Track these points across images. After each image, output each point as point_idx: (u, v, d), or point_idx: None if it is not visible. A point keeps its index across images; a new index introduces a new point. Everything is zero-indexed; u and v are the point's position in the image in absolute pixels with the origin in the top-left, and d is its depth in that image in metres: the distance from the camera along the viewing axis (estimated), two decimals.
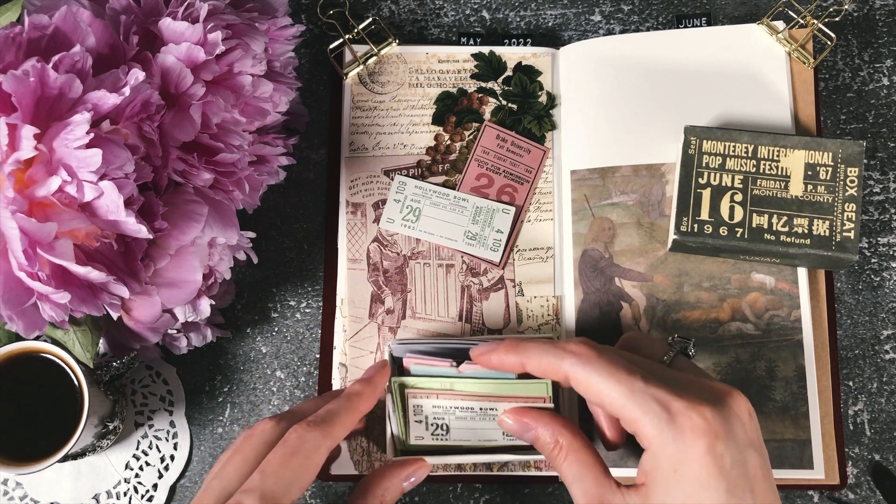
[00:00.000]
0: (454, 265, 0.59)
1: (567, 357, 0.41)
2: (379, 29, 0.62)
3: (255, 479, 0.41)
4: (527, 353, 0.43)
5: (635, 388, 0.39)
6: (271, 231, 0.61)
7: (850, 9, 0.62)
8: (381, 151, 0.60)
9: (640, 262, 0.57)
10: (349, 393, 0.47)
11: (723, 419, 0.38)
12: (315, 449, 0.42)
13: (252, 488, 0.40)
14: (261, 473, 0.41)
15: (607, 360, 0.40)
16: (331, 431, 0.43)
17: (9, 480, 0.57)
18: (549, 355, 0.42)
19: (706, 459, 0.38)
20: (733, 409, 0.39)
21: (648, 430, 0.39)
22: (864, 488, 0.56)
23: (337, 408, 0.45)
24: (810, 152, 0.54)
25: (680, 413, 0.38)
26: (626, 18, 0.63)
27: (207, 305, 0.50)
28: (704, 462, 0.38)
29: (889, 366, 0.57)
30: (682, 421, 0.38)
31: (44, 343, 0.49)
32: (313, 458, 0.42)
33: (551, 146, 0.60)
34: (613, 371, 0.40)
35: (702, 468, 0.38)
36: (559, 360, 0.42)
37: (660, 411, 0.38)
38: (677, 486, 0.38)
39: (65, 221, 0.40)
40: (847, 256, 0.53)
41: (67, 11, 0.42)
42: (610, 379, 0.39)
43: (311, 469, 0.42)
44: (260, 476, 0.41)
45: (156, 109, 0.44)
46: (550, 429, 0.44)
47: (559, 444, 0.43)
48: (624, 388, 0.39)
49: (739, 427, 0.39)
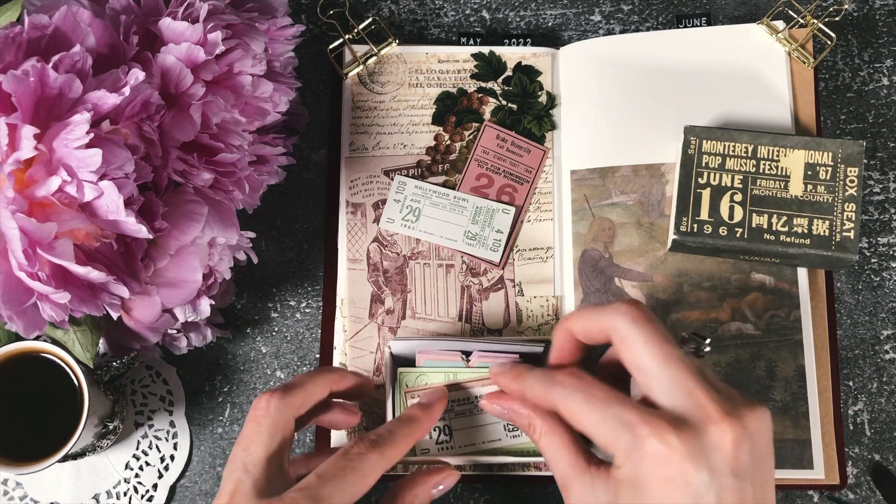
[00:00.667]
0: (454, 265, 0.59)
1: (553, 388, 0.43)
2: (379, 29, 0.62)
3: (312, 482, 0.41)
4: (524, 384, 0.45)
5: (606, 415, 0.40)
6: (271, 231, 0.61)
7: (850, 9, 0.62)
8: (381, 151, 0.60)
9: (640, 262, 0.57)
10: (408, 417, 0.48)
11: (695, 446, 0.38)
12: (372, 469, 0.43)
13: (309, 489, 0.41)
14: (319, 478, 0.41)
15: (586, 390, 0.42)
16: (389, 454, 0.44)
17: (9, 480, 0.57)
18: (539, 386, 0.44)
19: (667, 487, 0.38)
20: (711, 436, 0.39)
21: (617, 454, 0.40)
22: (864, 488, 0.56)
23: (396, 430, 0.46)
24: (810, 152, 0.54)
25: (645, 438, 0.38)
26: (626, 18, 0.63)
27: (207, 305, 0.50)
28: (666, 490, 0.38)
29: (889, 366, 0.57)
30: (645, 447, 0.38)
31: (44, 343, 0.49)
32: (368, 478, 0.43)
33: (551, 146, 0.60)
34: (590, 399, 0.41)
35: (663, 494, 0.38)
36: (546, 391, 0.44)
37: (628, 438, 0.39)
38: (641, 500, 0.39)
39: (65, 221, 0.40)
40: (847, 256, 0.53)
41: (67, 11, 0.42)
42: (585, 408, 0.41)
43: (364, 486, 0.43)
44: (318, 480, 0.41)
45: (156, 109, 0.44)
46: (525, 414, 0.45)
47: (532, 425, 0.44)
48: (596, 416, 0.40)
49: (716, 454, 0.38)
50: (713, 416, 0.39)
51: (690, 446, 0.38)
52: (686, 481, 0.38)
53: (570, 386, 0.42)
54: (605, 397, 0.41)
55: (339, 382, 0.48)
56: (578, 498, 0.41)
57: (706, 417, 0.39)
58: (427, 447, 0.51)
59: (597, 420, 0.40)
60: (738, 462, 0.39)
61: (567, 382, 0.43)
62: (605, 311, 0.43)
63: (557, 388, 0.43)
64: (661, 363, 0.40)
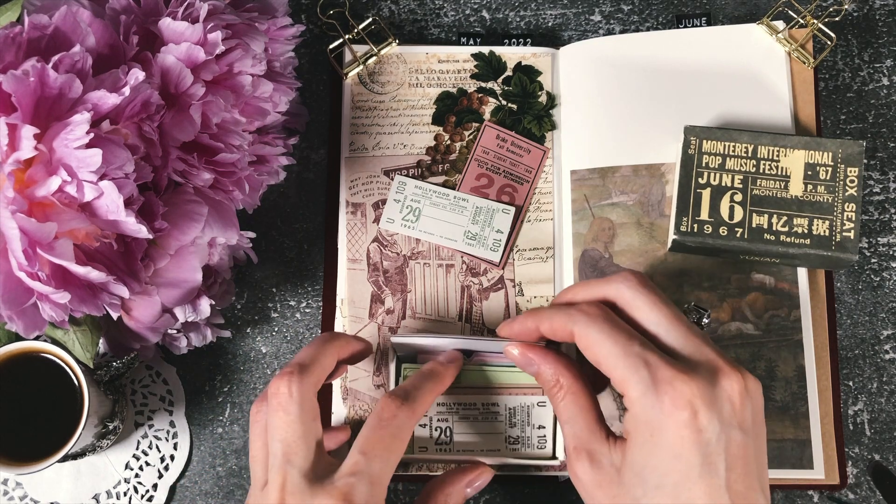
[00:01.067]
0: (454, 265, 0.59)
1: (576, 315, 0.43)
2: (379, 29, 0.62)
3: (359, 462, 0.41)
4: (541, 317, 0.45)
5: (629, 351, 0.40)
6: (271, 231, 0.61)
7: (850, 9, 0.62)
8: (381, 151, 0.60)
9: (640, 262, 0.57)
10: (429, 371, 0.48)
11: (710, 394, 0.39)
12: (408, 428, 0.43)
13: (360, 471, 0.41)
14: (364, 455, 0.41)
15: (612, 322, 0.42)
16: (418, 410, 0.44)
17: (9, 480, 0.57)
18: (560, 314, 0.44)
19: (684, 431, 0.38)
20: (723, 386, 0.40)
21: (632, 392, 0.40)
22: (864, 488, 0.56)
23: (421, 385, 0.46)
24: (810, 152, 0.54)
25: (665, 381, 0.39)
26: (626, 18, 0.63)
27: (207, 305, 0.50)
28: (681, 433, 0.38)
29: (889, 366, 0.57)
30: (664, 388, 0.39)
31: (44, 343, 0.49)
32: (406, 438, 0.43)
33: (551, 146, 0.60)
34: (614, 332, 0.41)
35: (677, 438, 0.39)
36: (568, 318, 0.43)
37: (646, 376, 0.39)
38: (652, 451, 0.39)
39: (65, 221, 0.40)
40: (847, 256, 0.53)
41: (67, 11, 0.42)
42: (608, 339, 0.41)
43: (404, 447, 0.43)
44: (365, 458, 0.41)
45: (156, 109, 0.44)
46: (553, 367, 0.45)
47: (559, 383, 0.44)
48: (619, 349, 0.41)
49: (727, 405, 0.39)
50: (724, 368, 0.40)
51: (706, 393, 0.39)
52: (699, 427, 0.39)
53: (594, 316, 0.42)
54: (629, 333, 0.41)
55: (344, 349, 0.48)
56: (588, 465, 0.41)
57: (718, 369, 0.40)
58: (425, 445, 0.51)
59: (619, 354, 0.41)
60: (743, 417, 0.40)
61: (591, 312, 0.43)
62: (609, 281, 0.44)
63: (581, 316, 0.43)
64: (671, 322, 0.42)
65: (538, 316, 0.46)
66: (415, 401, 0.44)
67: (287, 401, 0.42)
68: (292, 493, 0.40)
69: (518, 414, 0.51)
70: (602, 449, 0.42)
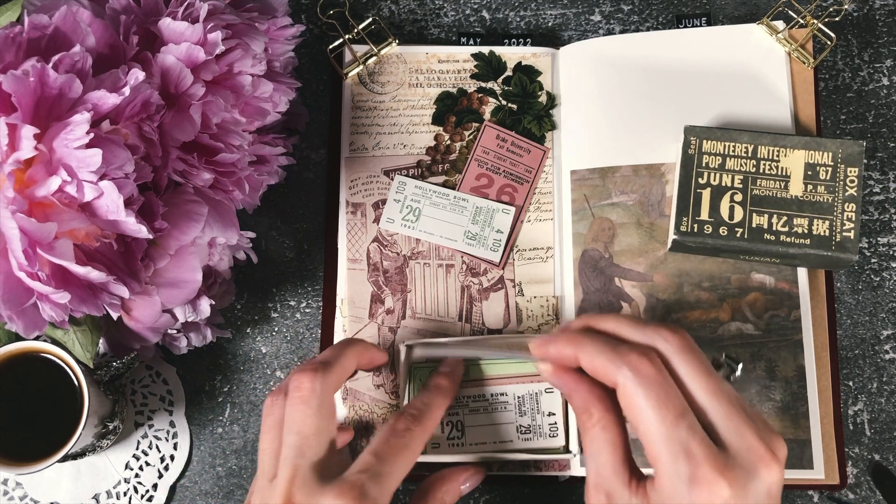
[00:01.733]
0: (454, 265, 0.59)
1: (625, 368, 0.39)
2: (379, 29, 0.62)
3: (370, 462, 0.42)
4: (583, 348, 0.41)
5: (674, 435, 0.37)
6: (271, 231, 0.61)
7: (850, 9, 0.62)
8: (381, 151, 0.60)
9: (640, 262, 0.57)
10: (435, 386, 0.49)
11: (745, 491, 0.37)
12: (420, 441, 0.45)
13: (370, 469, 0.42)
14: (376, 457, 0.42)
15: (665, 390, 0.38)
16: (428, 426, 0.46)
17: (9, 480, 0.57)
18: (606, 359, 0.40)
19: None
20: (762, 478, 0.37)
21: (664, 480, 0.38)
22: (864, 488, 0.56)
23: (431, 402, 0.47)
24: (810, 152, 0.54)
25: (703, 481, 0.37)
26: (626, 18, 0.63)
27: (207, 305, 0.50)
28: None
29: (889, 366, 0.57)
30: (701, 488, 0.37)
31: (44, 343, 0.49)
32: (416, 452, 0.44)
33: (551, 146, 0.60)
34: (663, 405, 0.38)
35: None
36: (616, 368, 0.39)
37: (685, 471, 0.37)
38: None
39: (65, 221, 0.40)
40: (847, 256, 0.53)
41: (67, 11, 0.42)
42: (655, 412, 0.38)
43: (414, 458, 0.44)
44: (375, 459, 0.42)
45: (156, 109, 0.44)
46: (585, 398, 0.42)
47: (590, 412, 0.41)
48: (664, 429, 0.38)
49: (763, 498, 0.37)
50: (765, 458, 0.38)
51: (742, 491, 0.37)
52: None
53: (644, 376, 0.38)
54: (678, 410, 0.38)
55: (363, 355, 0.49)
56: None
57: (759, 459, 0.38)
58: (438, 441, 0.52)
59: (663, 434, 0.37)
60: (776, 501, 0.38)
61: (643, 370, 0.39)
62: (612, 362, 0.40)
63: (628, 372, 0.39)
64: (711, 397, 0.39)
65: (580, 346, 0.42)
66: (427, 419, 0.46)
67: (309, 395, 0.43)
68: (301, 487, 0.41)
69: (527, 402, 0.52)
70: (623, 492, 0.39)
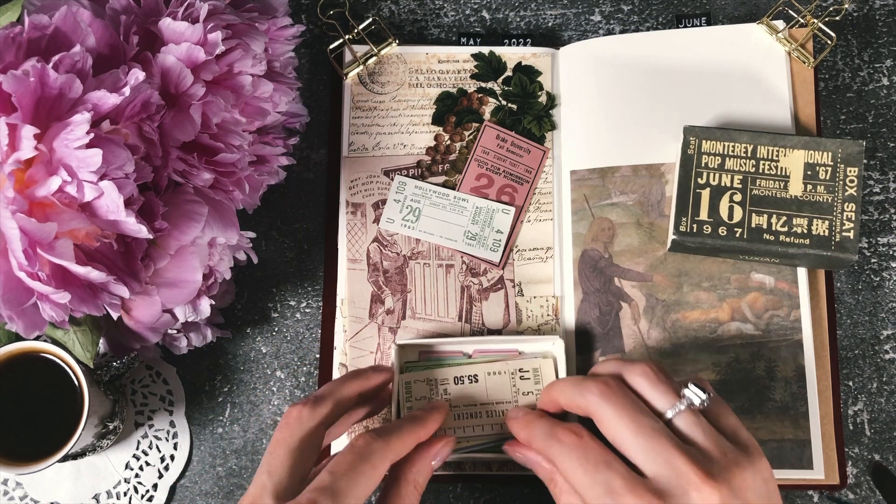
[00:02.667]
0: (454, 265, 0.59)
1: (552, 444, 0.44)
2: (379, 29, 0.62)
3: (325, 479, 0.42)
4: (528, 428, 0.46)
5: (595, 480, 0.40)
6: (271, 231, 0.61)
7: (850, 9, 0.62)
8: (381, 151, 0.60)
9: (640, 262, 0.57)
10: (413, 415, 0.49)
11: None
12: (381, 458, 0.44)
13: (324, 487, 0.41)
14: (331, 475, 0.42)
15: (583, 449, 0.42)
16: (394, 446, 0.45)
17: (9, 480, 0.57)
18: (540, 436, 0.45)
19: None
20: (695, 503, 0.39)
21: None
22: (864, 488, 0.56)
23: (400, 425, 0.47)
24: (810, 152, 0.54)
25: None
26: (626, 18, 0.63)
27: (207, 305, 0.50)
28: None
29: (889, 366, 0.57)
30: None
31: (44, 343, 0.49)
32: (379, 467, 0.43)
33: (551, 146, 0.60)
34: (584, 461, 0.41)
35: None
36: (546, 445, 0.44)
37: None
38: None
39: (65, 221, 0.40)
40: (847, 256, 0.53)
41: (67, 11, 0.42)
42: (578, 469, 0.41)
43: (375, 476, 0.43)
44: (330, 477, 0.42)
45: (156, 109, 0.44)
46: (548, 466, 0.45)
47: (554, 481, 0.45)
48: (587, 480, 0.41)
49: None
50: (694, 480, 0.39)
51: None
52: None
53: (567, 444, 0.43)
54: (597, 460, 0.41)
55: (365, 384, 0.49)
56: None
57: (688, 483, 0.39)
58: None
59: (587, 484, 0.41)
60: None
61: (565, 440, 0.43)
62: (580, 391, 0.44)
63: (556, 446, 0.43)
64: (635, 434, 0.41)
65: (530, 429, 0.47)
66: (390, 435, 0.45)
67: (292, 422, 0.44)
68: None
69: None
70: None
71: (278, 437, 0.44)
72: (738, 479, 0.40)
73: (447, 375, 0.53)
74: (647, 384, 0.44)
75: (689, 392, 0.43)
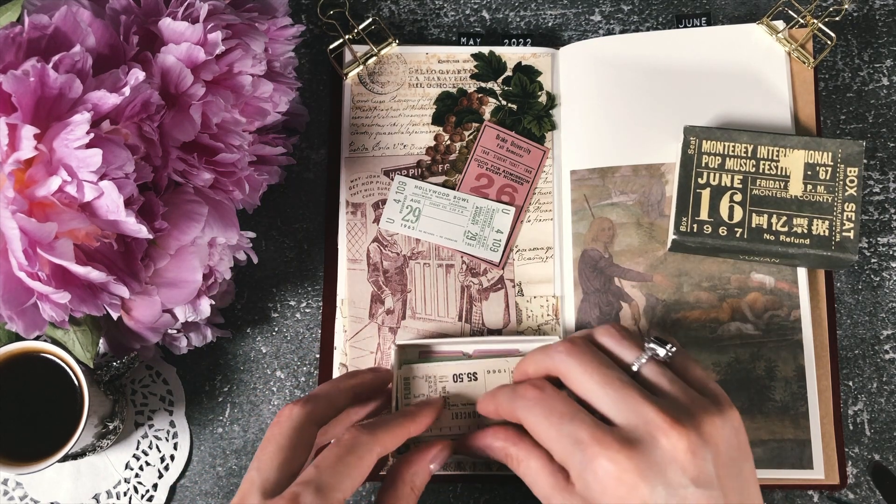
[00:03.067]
0: (454, 265, 0.59)
1: (517, 401, 0.45)
2: (379, 29, 0.62)
3: (310, 473, 0.42)
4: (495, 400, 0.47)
5: (561, 432, 0.41)
6: (271, 231, 0.61)
7: (850, 9, 0.62)
8: (381, 151, 0.60)
9: (640, 262, 0.57)
10: (404, 410, 0.49)
11: (647, 461, 0.38)
12: (368, 450, 0.44)
13: (308, 481, 0.41)
14: (316, 468, 0.42)
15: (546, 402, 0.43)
16: (381, 438, 0.45)
17: (9, 480, 0.57)
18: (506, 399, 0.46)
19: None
20: (663, 448, 0.38)
21: (572, 473, 0.41)
22: (864, 488, 0.56)
23: (389, 419, 0.47)
24: (810, 152, 0.54)
25: (596, 458, 0.39)
26: (626, 18, 0.63)
27: (207, 305, 0.50)
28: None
29: (889, 366, 0.57)
30: (596, 468, 0.39)
31: (44, 343, 0.49)
32: (365, 459, 0.43)
33: (551, 146, 0.60)
34: (547, 414, 0.42)
35: None
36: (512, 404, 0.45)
37: (579, 457, 0.40)
38: None
39: (65, 221, 0.40)
40: (847, 256, 0.53)
41: (67, 11, 0.42)
42: (543, 422, 0.42)
43: (362, 468, 0.43)
44: (315, 470, 0.42)
45: (156, 109, 0.44)
46: (500, 443, 0.46)
47: (509, 454, 0.45)
48: (553, 432, 0.41)
49: (672, 466, 0.38)
50: (662, 426, 0.39)
51: (642, 463, 0.38)
52: (641, 499, 0.38)
53: (531, 399, 0.44)
54: (562, 412, 0.42)
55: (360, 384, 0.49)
56: None
57: (655, 429, 0.39)
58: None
59: (554, 436, 0.41)
60: (699, 471, 0.38)
61: (528, 395, 0.44)
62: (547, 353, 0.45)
63: (520, 402, 0.44)
64: (602, 385, 0.41)
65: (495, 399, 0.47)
66: (378, 428, 0.45)
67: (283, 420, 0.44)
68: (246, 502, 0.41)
69: None
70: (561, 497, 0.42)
71: (269, 435, 0.44)
72: (706, 425, 0.40)
73: (446, 372, 0.53)
74: (611, 341, 0.45)
75: (653, 344, 0.44)
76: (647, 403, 0.40)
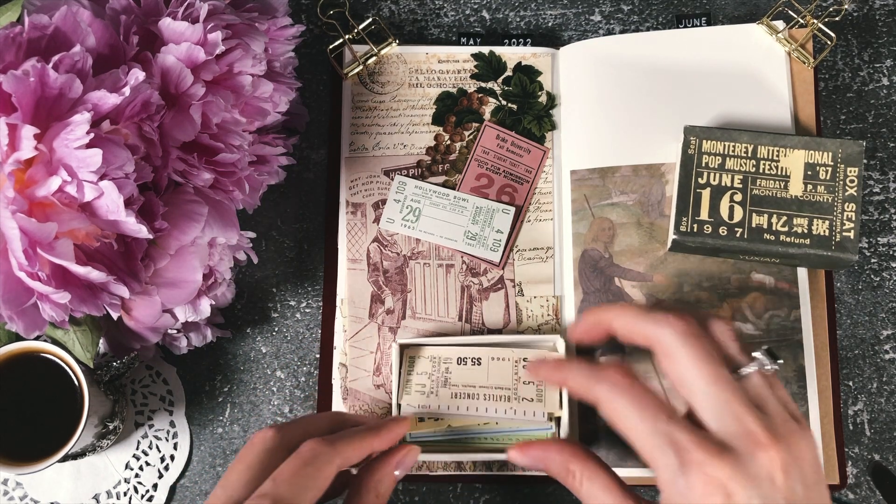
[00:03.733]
0: (454, 265, 0.59)
1: (601, 383, 0.41)
2: (379, 29, 0.62)
3: (267, 486, 0.41)
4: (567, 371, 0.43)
5: (656, 429, 0.38)
6: (271, 231, 0.61)
7: (850, 9, 0.62)
8: (381, 151, 0.60)
9: (640, 262, 0.57)
10: (369, 425, 0.48)
11: (745, 473, 0.37)
12: (326, 462, 0.43)
13: (265, 493, 0.41)
14: (273, 481, 0.42)
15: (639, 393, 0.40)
16: (342, 450, 0.44)
17: (9, 480, 0.57)
18: (584, 377, 0.42)
19: None
20: (761, 463, 0.37)
21: (661, 476, 0.38)
22: (864, 488, 0.56)
23: (352, 432, 0.46)
24: (810, 152, 0.54)
25: (694, 464, 0.37)
26: (626, 18, 0.63)
27: (207, 305, 0.50)
28: None
29: (889, 366, 0.57)
30: (695, 473, 0.37)
31: (44, 343, 0.49)
32: (324, 471, 0.43)
33: (551, 146, 0.60)
34: (639, 405, 0.39)
35: None
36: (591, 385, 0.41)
37: (674, 459, 0.37)
38: None
39: (65, 221, 0.40)
40: (847, 256, 0.53)
41: (67, 11, 0.42)
42: (634, 414, 0.39)
43: (321, 480, 0.43)
44: (272, 483, 0.41)
45: (156, 109, 0.44)
46: (559, 457, 0.43)
47: (571, 472, 0.43)
48: (645, 426, 0.38)
49: (767, 483, 0.37)
50: (762, 442, 0.38)
51: (741, 473, 0.37)
52: None
53: (619, 385, 0.40)
54: (657, 408, 0.39)
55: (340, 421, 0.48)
56: None
57: (755, 444, 0.38)
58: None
59: (647, 432, 0.38)
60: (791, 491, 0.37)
61: (615, 380, 0.40)
62: (655, 320, 0.41)
63: (605, 385, 0.40)
64: (710, 383, 0.39)
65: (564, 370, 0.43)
66: (338, 441, 0.44)
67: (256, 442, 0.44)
68: None
69: None
70: None
71: (240, 455, 0.44)
72: (795, 446, 0.38)
73: (451, 355, 0.53)
74: (726, 337, 0.42)
75: (764, 355, 0.41)
76: (751, 414, 0.38)
